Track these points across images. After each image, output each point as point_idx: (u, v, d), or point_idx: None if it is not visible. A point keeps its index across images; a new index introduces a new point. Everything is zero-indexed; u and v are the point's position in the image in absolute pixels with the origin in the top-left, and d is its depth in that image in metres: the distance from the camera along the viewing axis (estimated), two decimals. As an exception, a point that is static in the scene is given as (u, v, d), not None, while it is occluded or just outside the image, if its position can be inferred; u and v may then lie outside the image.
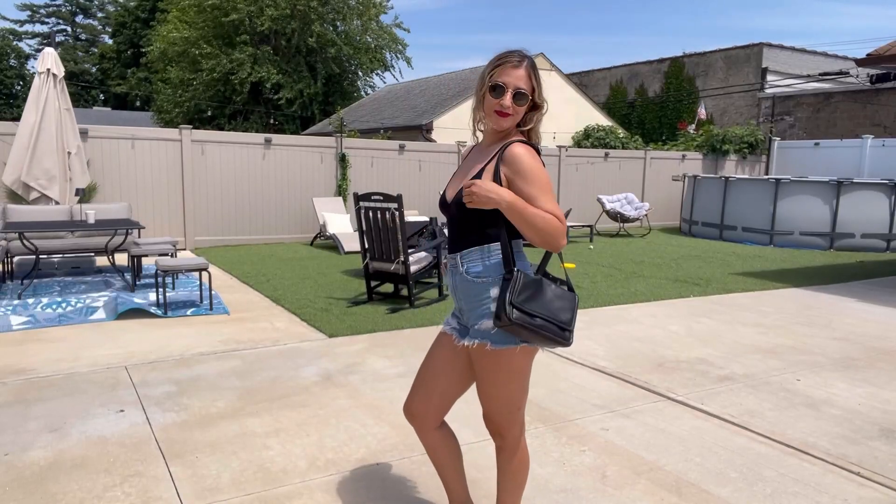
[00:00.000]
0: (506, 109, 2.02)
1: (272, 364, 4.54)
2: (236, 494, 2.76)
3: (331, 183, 11.83)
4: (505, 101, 2.02)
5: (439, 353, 2.29)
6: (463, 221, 2.11)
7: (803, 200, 12.33)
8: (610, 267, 9.17)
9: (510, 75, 2.02)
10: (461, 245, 2.13)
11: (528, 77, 2.04)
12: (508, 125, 2.07)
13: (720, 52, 21.57)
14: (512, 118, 2.05)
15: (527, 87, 2.03)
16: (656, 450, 3.25)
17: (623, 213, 13.67)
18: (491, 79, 2.04)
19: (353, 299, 6.61)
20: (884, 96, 17.45)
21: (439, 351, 2.29)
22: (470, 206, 1.96)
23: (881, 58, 9.01)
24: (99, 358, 4.60)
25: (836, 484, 2.94)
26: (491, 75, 2.04)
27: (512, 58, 2.04)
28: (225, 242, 10.85)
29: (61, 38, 51.32)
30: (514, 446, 2.28)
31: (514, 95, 2.02)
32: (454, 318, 2.26)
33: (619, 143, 17.95)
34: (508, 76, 2.02)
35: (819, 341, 5.39)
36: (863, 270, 9.52)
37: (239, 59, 21.54)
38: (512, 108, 2.03)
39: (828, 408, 3.88)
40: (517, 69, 2.03)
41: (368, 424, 3.50)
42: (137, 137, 10.15)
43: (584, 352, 4.94)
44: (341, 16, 23.23)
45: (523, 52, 2.07)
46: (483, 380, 2.19)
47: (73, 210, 7.83)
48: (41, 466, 2.98)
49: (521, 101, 2.04)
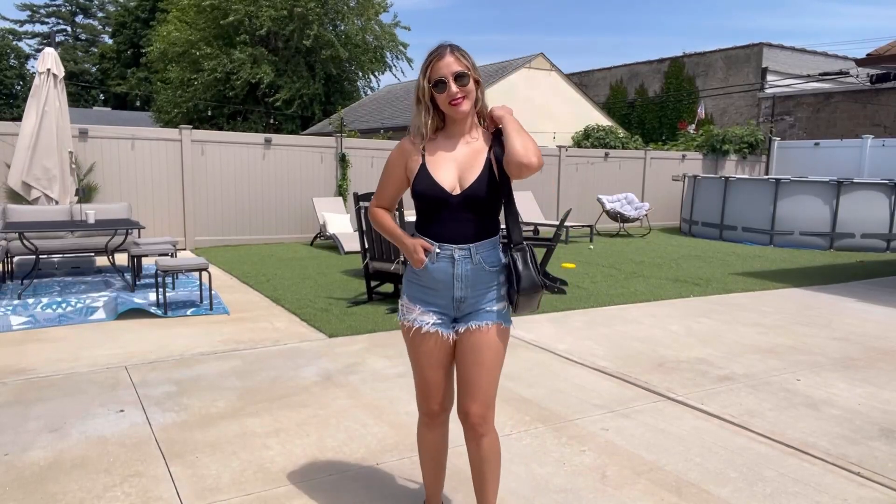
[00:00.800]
0: (456, 95, 2.11)
1: (272, 364, 4.53)
2: (236, 494, 2.76)
3: (331, 183, 11.83)
4: (451, 89, 2.11)
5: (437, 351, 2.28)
6: (474, 213, 2.19)
7: (803, 200, 12.33)
8: (610, 267, 9.17)
9: (442, 67, 2.11)
10: (472, 237, 2.19)
11: (457, 60, 2.13)
12: (467, 108, 2.15)
13: (720, 52, 21.56)
14: (467, 100, 2.14)
15: (461, 67, 2.12)
16: (656, 450, 3.25)
17: (623, 213, 13.67)
18: (429, 80, 2.13)
19: (353, 299, 6.61)
20: (884, 96, 17.45)
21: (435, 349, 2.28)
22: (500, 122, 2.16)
23: (881, 58, 9.01)
24: (99, 358, 4.60)
25: (836, 484, 2.94)
26: (427, 78, 2.14)
27: (435, 53, 2.15)
28: (225, 242, 10.85)
29: (61, 38, 51.32)
30: (493, 429, 2.30)
31: (455, 79, 2.11)
32: (431, 314, 2.24)
33: (619, 143, 17.95)
34: (441, 68, 2.11)
35: (819, 341, 5.39)
36: (863, 270, 9.52)
37: (239, 60, 21.55)
38: (461, 91, 2.12)
39: (828, 408, 3.88)
40: (443, 58, 2.13)
41: (368, 424, 3.50)
42: (137, 137, 10.16)
43: (584, 352, 4.94)
44: (341, 16, 23.23)
45: (441, 44, 2.17)
46: (489, 361, 2.22)
47: (73, 210, 7.83)
48: (41, 466, 2.98)
49: (463, 80, 2.12)
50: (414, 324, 2.25)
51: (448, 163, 2.20)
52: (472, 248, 2.18)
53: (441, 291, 2.22)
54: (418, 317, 2.25)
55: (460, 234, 2.18)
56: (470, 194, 2.15)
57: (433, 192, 2.17)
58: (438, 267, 2.20)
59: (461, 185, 2.16)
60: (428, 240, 2.22)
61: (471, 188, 2.15)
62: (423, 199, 2.20)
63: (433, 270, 2.20)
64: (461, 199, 2.16)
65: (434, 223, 2.21)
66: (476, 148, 2.21)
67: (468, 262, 2.18)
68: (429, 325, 2.24)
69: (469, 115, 2.19)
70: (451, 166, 2.19)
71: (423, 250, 2.20)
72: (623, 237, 13.52)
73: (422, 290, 2.26)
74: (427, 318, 2.25)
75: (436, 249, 2.20)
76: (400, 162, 2.26)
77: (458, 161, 2.19)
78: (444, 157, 2.20)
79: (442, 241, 2.20)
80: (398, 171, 2.27)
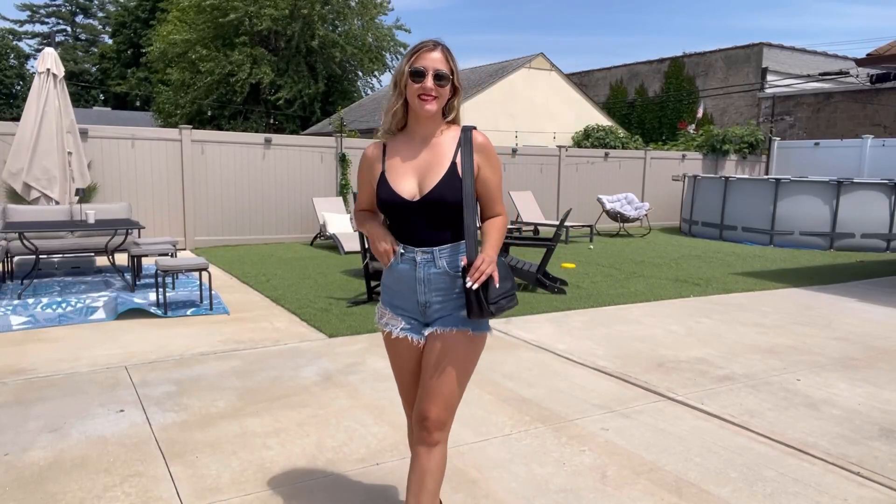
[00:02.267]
0: (428, 91, 2.05)
1: (272, 364, 4.53)
2: (236, 494, 2.76)
3: (331, 183, 11.83)
4: (427, 83, 2.04)
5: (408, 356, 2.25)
6: (436, 218, 2.14)
7: (803, 200, 12.33)
8: (610, 267, 9.16)
9: (427, 59, 2.06)
10: (435, 241, 2.15)
11: (444, 59, 2.08)
12: (434, 108, 2.08)
13: (720, 52, 21.56)
14: (437, 101, 2.08)
15: (445, 68, 2.07)
16: (656, 450, 3.25)
17: (623, 213, 13.67)
18: (410, 66, 2.06)
19: (353, 299, 6.61)
20: (884, 96, 17.45)
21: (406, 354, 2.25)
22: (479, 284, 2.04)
23: (881, 58, 9.01)
24: (99, 358, 4.60)
25: (836, 484, 2.94)
26: (409, 63, 2.07)
27: (426, 44, 2.09)
28: (225, 242, 10.85)
29: (61, 38, 51.32)
30: (446, 441, 2.21)
31: (435, 76, 2.05)
32: (399, 319, 2.21)
33: (619, 143, 17.96)
34: (426, 60, 2.05)
35: (819, 341, 5.39)
36: (863, 270, 9.52)
37: (238, 61, 21.54)
38: (435, 90, 2.05)
39: (828, 408, 3.88)
40: (432, 52, 2.07)
41: (368, 424, 3.50)
42: (137, 137, 10.15)
43: (584, 352, 4.94)
44: (342, 16, 23.24)
45: (436, 40, 2.11)
46: (453, 367, 2.15)
47: (73, 210, 7.83)
48: (41, 466, 2.98)
49: (442, 81, 2.06)
50: (385, 327, 2.24)
51: (407, 169, 2.15)
52: (434, 252, 2.14)
53: (406, 295, 2.19)
54: (389, 321, 2.24)
55: (421, 237, 2.15)
56: (429, 200, 2.11)
57: (393, 200, 2.14)
58: (402, 269, 2.18)
59: (421, 191, 2.11)
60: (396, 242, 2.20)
61: (430, 193, 2.10)
62: (384, 208, 2.18)
63: (397, 272, 2.19)
64: (419, 205, 2.11)
65: (397, 226, 2.19)
66: (439, 151, 2.15)
67: (431, 266, 2.14)
68: (398, 329, 2.21)
69: (434, 119, 2.14)
70: (410, 172, 2.14)
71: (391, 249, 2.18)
72: (623, 237, 13.52)
73: (391, 294, 2.24)
74: (396, 322, 2.22)
75: (399, 250, 2.17)
76: (366, 172, 2.25)
77: (418, 166, 2.14)
78: (402, 162, 2.16)
79: (406, 244, 2.17)
80: (366, 179, 2.26)
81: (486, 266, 2.04)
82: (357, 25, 23.66)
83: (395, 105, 2.13)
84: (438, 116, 2.14)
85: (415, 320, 2.21)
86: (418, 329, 2.20)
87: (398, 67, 2.12)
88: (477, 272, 2.03)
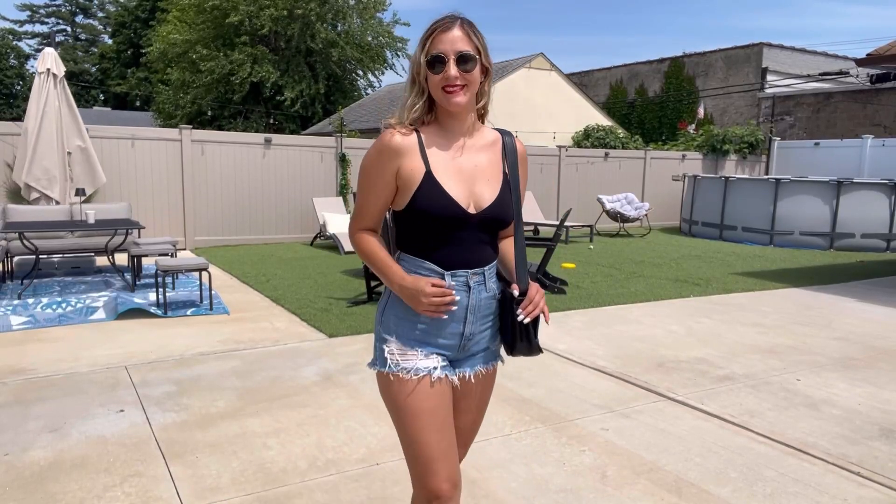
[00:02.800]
0: (454, 81, 1.66)
1: (272, 364, 4.53)
2: (236, 494, 2.76)
3: (331, 183, 11.83)
4: (450, 72, 1.65)
5: (445, 405, 1.78)
6: (488, 236, 1.80)
7: (803, 200, 12.33)
8: (610, 267, 9.16)
9: (446, 40, 1.66)
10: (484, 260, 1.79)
11: (467, 37, 1.68)
12: (464, 100, 1.69)
13: (720, 52, 21.56)
14: (466, 90, 1.69)
15: (469, 47, 1.67)
16: (656, 450, 3.25)
17: (623, 213, 13.67)
18: (426, 54, 1.68)
19: (353, 299, 6.61)
20: (884, 96, 17.45)
21: (443, 404, 1.77)
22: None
23: (881, 58, 9.01)
24: (99, 358, 4.60)
25: (836, 484, 2.94)
26: (425, 52, 1.69)
27: (441, 23, 1.70)
28: (225, 242, 10.85)
29: (61, 38, 51.32)
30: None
31: (458, 60, 1.66)
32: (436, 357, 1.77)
33: (619, 143, 17.95)
34: (444, 42, 1.66)
35: (819, 341, 5.39)
36: (863, 270, 9.51)
37: (239, 60, 21.55)
38: (461, 78, 1.66)
39: (828, 408, 3.88)
40: (451, 30, 1.68)
41: (368, 424, 3.50)
42: (137, 137, 10.15)
43: (584, 352, 4.93)
44: (341, 15, 23.25)
45: (454, 13, 1.73)
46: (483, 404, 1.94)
47: (73, 210, 7.84)
48: (41, 466, 2.98)
49: (468, 65, 1.67)
50: (415, 374, 1.73)
51: (454, 173, 1.73)
52: (485, 273, 1.78)
53: (449, 328, 1.77)
54: (421, 363, 1.74)
55: (475, 257, 1.76)
56: (490, 217, 1.74)
57: (449, 211, 1.70)
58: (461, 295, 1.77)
59: (476, 204, 1.73)
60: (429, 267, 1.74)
61: (491, 209, 1.74)
62: (428, 219, 1.71)
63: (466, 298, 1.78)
64: (478, 221, 1.74)
65: (442, 245, 1.74)
66: (487, 158, 1.79)
67: (482, 290, 1.78)
68: (437, 371, 1.75)
69: (467, 111, 1.74)
70: (458, 178, 1.73)
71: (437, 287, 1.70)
72: (623, 237, 13.52)
73: (422, 329, 1.76)
74: (432, 362, 1.76)
75: (449, 281, 1.73)
76: (388, 166, 1.72)
77: (467, 171, 1.75)
78: (448, 163, 1.74)
79: (453, 267, 1.74)
80: (385, 178, 1.73)
81: (541, 299, 1.75)
82: (356, 24, 23.66)
83: (417, 103, 1.73)
84: (472, 106, 1.76)
85: (447, 357, 1.80)
86: (449, 368, 1.81)
87: (413, 56, 1.73)
88: (531, 304, 1.73)
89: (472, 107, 1.76)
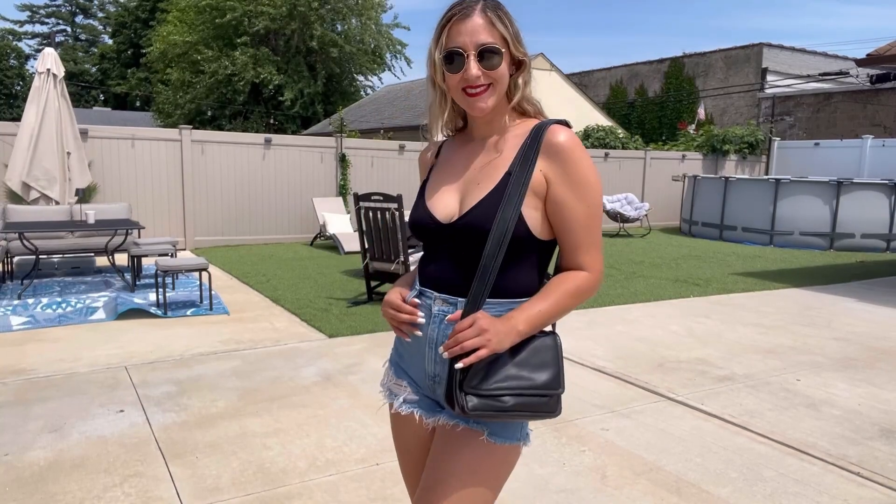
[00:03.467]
0: (475, 81, 1.36)
1: (272, 364, 4.53)
2: (236, 494, 2.76)
3: (331, 183, 11.83)
4: (471, 72, 1.36)
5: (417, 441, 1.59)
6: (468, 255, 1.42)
7: (803, 200, 12.33)
8: (610, 267, 9.16)
9: (463, 31, 1.36)
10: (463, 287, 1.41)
11: (489, 25, 1.37)
12: (489, 105, 1.40)
13: (720, 53, 21.58)
14: (492, 92, 1.39)
15: (494, 38, 1.37)
16: (656, 450, 3.25)
17: (623, 213, 13.68)
18: (441, 49, 1.39)
19: (353, 299, 6.61)
20: (884, 96, 17.45)
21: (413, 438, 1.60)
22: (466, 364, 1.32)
23: (881, 58, 9.01)
24: (99, 358, 4.60)
25: (836, 484, 2.93)
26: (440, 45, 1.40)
27: (458, 7, 1.39)
28: (225, 242, 10.85)
29: (61, 39, 51.32)
30: None
31: (480, 56, 1.36)
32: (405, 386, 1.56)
33: (619, 143, 17.94)
34: (461, 34, 1.36)
35: (819, 341, 5.39)
36: (863, 270, 9.51)
37: (242, 62, 21.55)
38: (484, 77, 1.37)
39: (828, 408, 3.88)
40: (469, 19, 1.37)
41: (368, 424, 3.50)
42: (137, 137, 10.15)
43: (584, 352, 4.93)
44: (340, 16, 23.26)
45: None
46: (457, 481, 1.41)
47: (73, 210, 7.84)
48: (41, 466, 2.98)
49: (491, 60, 1.37)
50: (387, 398, 1.62)
51: (452, 182, 1.50)
52: (458, 304, 1.42)
53: (414, 360, 1.52)
54: (392, 385, 1.60)
55: (451, 280, 1.44)
56: (459, 225, 1.42)
57: (420, 221, 1.50)
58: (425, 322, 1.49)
59: (460, 211, 1.45)
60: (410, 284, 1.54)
61: (464, 217, 1.42)
62: (412, 229, 1.54)
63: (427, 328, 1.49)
64: (452, 233, 1.43)
65: (428, 259, 1.52)
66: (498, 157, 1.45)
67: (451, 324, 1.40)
68: (400, 400, 1.56)
69: (497, 114, 1.45)
70: (455, 186, 1.49)
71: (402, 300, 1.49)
72: (623, 237, 13.52)
73: (398, 350, 1.60)
74: (399, 388, 1.57)
75: (412, 294, 1.49)
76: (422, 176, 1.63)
77: (467, 178, 1.48)
78: (451, 172, 1.52)
79: (425, 284, 1.49)
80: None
81: (473, 332, 1.30)
82: (355, 24, 23.67)
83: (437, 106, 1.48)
84: (503, 107, 1.45)
85: (424, 395, 1.54)
86: (430, 406, 1.52)
87: (428, 55, 1.44)
88: (453, 339, 1.32)
89: (504, 108, 1.45)
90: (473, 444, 1.42)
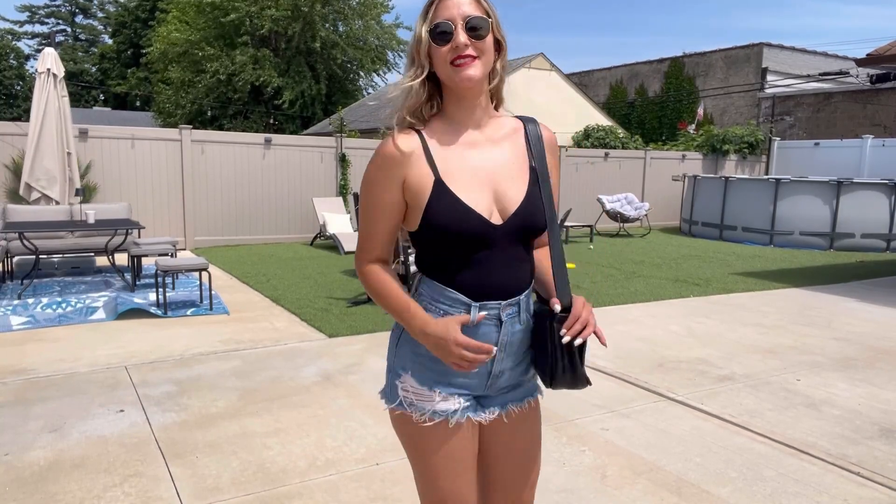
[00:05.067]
0: (464, 51, 1.39)
1: (272, 364, 4.53)
2: (236, 494, 2.76)
3: (331, 183, 11.83)
4: (459, 38, 1.38)
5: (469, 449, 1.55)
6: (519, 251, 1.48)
7: (803, 200, 12.33)
8: (610, 267, 9.16)
9: (450, 6, 1.41)
10: (519, 285, 1.49)
11: (475, 1, 1.42)
12: (478, 73, 1.41)
13: (720, 52, 21.57)
14: (480, 62, 1.41)
15: (480, 12, 1.41)
16: (656, 450, 3.25)
17: (623, 213, 13.68)
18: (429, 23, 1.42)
19: (353, 299, 6.61)
20: (884, 96, 17.45)
21: (468, 447, 1.55)
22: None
23: (881, 58, 9.01)
24: (99, 358, 4.60)
25: (836, 484, 2.93)
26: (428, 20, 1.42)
27: None
28: (225, 242, 10.85)
29: (61, 39, 51.31)
30: None
31: (468, 26, 1.40)
32: (458, 398, 1.51)
33: (619, 143, 17.94)
34: (449, 8, 1.41)
35: (819, 341, 5.39)
36: (863, 270, 9.51)
37: (242, 62, 21.55)
38: (473, 47, 1.40)
39: (828, 408, 3.88)
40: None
41: (368, 424, 3.50)
42: (137, 137, 10.15)
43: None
44: (342, 16, 23.25)
45: None
46: (528, 445, 1.63)
47: (73, 210, 7.83)
48: (41, 466, 2.98)
49: (479, 32, 1.40)
50: (434, 417, 1.49)
51: (470, 176, 1.45)
52: (521, 303, 1.49)
53: None
54: (440, 405, 1.50)
55: (508, 282, 1.46)
56: (518, 225, 1.45)
57: (467, 225, 1.41)
58: (480, 334, 1.46)
59: (500, 210, 1.45)
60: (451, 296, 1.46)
61: (518, 215, 1.44)
62: (445, 237, 1.43)
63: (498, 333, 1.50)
64: (505, 233, 1.44)
65: (465, 268, 1.45)
66: (509, 150, 1.50)
67: (516, 323, 1.49)
68: (458, 413, 1.50)
69: (479, 90, 1.45)
70: (475, 181, 1.45)
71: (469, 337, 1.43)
72: (623, 237, 13.52)
73: (441, 369, 1.49)
74: (453, 404, 1.50)
75: (474, 315, 1.45)
76: (392, 179, 1.45)
77: (482, 168, 1.46)
78: (461, 164, 1.46)
79: (481, 297, 1.45)
80: (391, 194, 1.46)
81: (590, 314, 1.44)
82: (358, 25, 23.66)
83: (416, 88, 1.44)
84: (484, 87, 1.46)
85: (471, 396, 1.54)
86: (475, 407, 1.54)
87: (413, 34, 1.46)
88: (578, 322, 1.42)
89: (484, 87, 1.46)
90: (538, 410, 1.64)
